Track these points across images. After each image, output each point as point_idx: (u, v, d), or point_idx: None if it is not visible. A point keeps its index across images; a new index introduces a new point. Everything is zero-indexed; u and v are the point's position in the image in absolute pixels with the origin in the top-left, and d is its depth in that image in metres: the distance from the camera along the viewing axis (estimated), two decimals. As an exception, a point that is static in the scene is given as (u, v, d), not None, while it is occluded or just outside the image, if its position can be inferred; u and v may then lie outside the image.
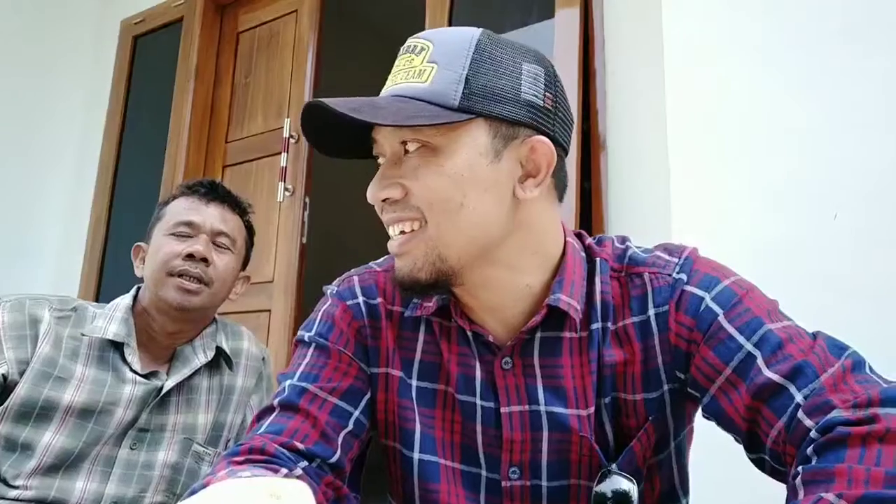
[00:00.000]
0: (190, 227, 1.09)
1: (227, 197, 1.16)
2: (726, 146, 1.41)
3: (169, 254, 1.06)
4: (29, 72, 2.86)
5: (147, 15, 2.87)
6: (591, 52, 1.73)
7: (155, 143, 2.66)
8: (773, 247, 1.29)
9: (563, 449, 0.69)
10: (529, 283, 0.68)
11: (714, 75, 1.45)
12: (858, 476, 0.48)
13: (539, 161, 0.65)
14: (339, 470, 0.68)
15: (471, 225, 0.63)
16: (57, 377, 0.99)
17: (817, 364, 0.57)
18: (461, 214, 0.63)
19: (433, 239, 0.64)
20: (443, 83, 0.62)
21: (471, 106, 0.62)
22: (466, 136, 0.63)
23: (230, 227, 1.13)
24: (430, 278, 0.64)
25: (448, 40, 0.64)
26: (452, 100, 0.61)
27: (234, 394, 1.14)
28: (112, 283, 2.59)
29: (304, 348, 0.74)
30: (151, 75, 2.82)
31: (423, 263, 0.64)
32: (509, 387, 0.69)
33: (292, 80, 2.45)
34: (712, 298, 0.65)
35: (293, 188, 2.33)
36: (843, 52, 1.32)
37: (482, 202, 0.63)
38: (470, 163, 0.62)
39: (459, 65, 0.62)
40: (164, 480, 1.03)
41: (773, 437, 0.58)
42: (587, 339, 0.69)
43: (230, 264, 1.12)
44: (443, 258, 0.64)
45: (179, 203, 1.12)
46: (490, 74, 0.63)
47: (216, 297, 1.11)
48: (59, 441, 0.97)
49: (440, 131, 0.62)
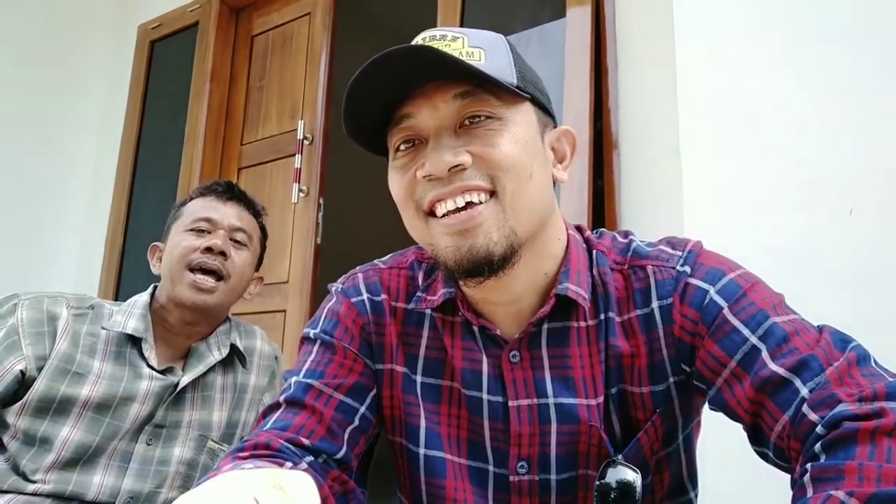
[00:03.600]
0: (209, 223, 1.12)
1: (243, 197, 1.19)
2: (738, 144, 1.40)
3: (188, 248, 1.08)
4: (50, 76, 2.91)
5: (163, 20, 2.91)
6: (603, 51, 1.72)
7: (172, 145, 2.69)
8: (786, 245, 1.28)
9: (571, 441, 0.68)
10: (546, 271, 0.69)
11: (726, 73, 1.44)
12: (870, 473, 0.47)
13: (564, 148, 0.71)
14: (346, 465, 0.68)
15: (537, 196, 0.64)
16: (75, 373, 1.01)
17: (822, 357, 0.57)
18: (531, 184, 0.63)
19: (507, 209, 0.62)
20: (499, 64, 0.64)
21: (524, 87, 0.65)
22: (524, 112, 0.65)
23: (247, 224, 1.16)
24: (504, 252, 0.62)
25: (479, 35, 0.66)
26: (511, 77, 0.64)
27: (248, 392, 1.15)
28: (131, 283, 2.63)
29: (309, 345, 0.74)
30: (168, 79, 2.85)
31: (498, 237, 0.62)
32: (517, 380, 0.69)
33: (306, 82, 2.47)
34: (717, 291, 0.64)
35: (307, 189, 2.34)
36: (855, 48, 1.30)
37: (543, 175, 0.66)
38: (533, 136, 0.65)
39: (504, 53, 0.66)
40: (179, 476, 1.04)
41: (778, 432, 0.57)
42: (595, 328, 0.69)
43: (247, 260, 1.14)
44: (514, 230, 0.62)
45: (197, 202, 1.16)
46: (525, 66, 0.68)
47: (232, 293, 1.12)
48: (77, 435, 0.98)
49: (505, 103, 0.63)
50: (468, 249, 0.61)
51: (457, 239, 0.62)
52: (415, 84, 0.62)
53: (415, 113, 0.63)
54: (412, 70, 0.60)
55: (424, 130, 0.64)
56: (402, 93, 0.63)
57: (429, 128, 0.63)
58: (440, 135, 0.62)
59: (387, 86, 0.61)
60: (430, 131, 0.63)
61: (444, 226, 0.63)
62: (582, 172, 1.62)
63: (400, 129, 0.65)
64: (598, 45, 1.72)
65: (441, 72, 0.61)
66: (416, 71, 0.61)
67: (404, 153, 0.65)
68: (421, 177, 0.63)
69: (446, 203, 0.62)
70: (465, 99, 0.62)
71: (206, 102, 2.61)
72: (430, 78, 0.62)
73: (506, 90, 0.63)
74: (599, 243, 0.73)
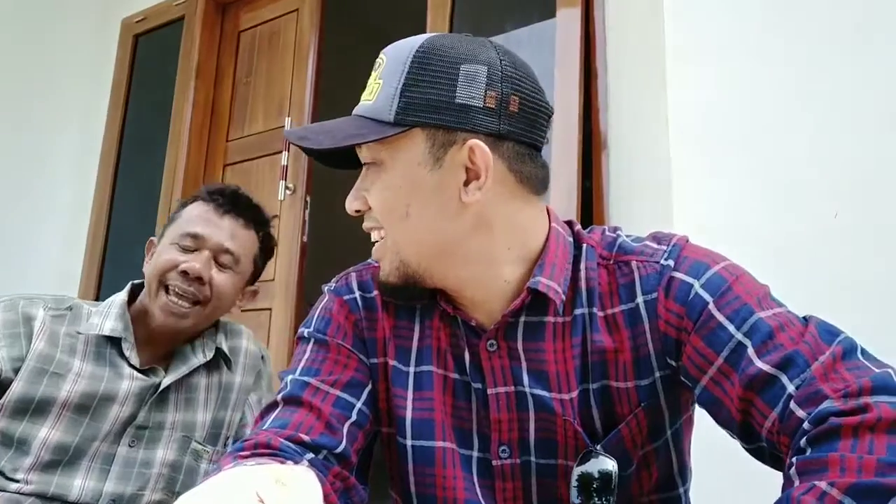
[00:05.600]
0: (195, 240, 1.06)
1: (247, 210, 1.12)
2: (728, 145, 1.41)
3: (167, 263, 1.04)
4: (30, 70, 2.87)
5: (148, 13, 2.88)
6: (593, 51, 1.73)
7: (156, 141, 2.66)
8: (775, 245, 1.29)
9: (548, 429, 0.69)
10: (507, 279, 0.70)
11: (716, 74, 1.45)
12: (851, 465, 0.49)
13: (478, 163, 0.65)
14: (346, 460, 0.68)
15: (419, 231, 0.68)
16: (53, 373, 0.99)
17: (808, 353, 0.57)
18: (408, 223, 0.67)
19: (393, 246, 0.69)
20: (382, 99, 0.66)
21: (404, 119, 0.64)
22: (405, 148, 0.66)
23: (237, 246, 1.09)
24: (398, 282, 0.70)
25: (393, 55, 0.67)
26: (388, 115, 0.65)
27: (233, 392, 1.13)
28: (112, 281, 2.59)
29: (304, 344, 0.76)
30: (152, 74, 2.82)
31: (390, 269, 0.70)
32: (495, 368, 0.70)
33: (293, 79, 2.46)
34: (702, 286, 0.65)
35: (294, 187, 2.33)
36: (845, 50, 1.32)
37: (426, 209, 0.67)
38: (409, 173, 0.66)
39: (396, 79, 0.65)
40: (162, 478, 1.03)
41: (768, 428, 0.58)
42: (570, 323, 0.69)
43: (229, 282, 1.09)
44: (405, 263, 0.69)
45: (195, 208, 1.10)
46: (424, 84, 0.65)
47: (211, 315, 1.09)
48: (55, 436, 0.97)
49: (383, 146, 0.66)
50: (379, 278, 0.72)
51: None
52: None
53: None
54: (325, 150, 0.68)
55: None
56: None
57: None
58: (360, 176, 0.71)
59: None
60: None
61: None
62: (571, 173, 1.62)
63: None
64: (587, 45, 1.73)
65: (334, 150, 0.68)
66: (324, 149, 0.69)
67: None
68: None
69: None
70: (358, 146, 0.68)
71: (191, 98, 2.59)
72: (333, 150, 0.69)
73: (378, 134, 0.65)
74: (589, 237, 0.73)
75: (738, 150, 1.39)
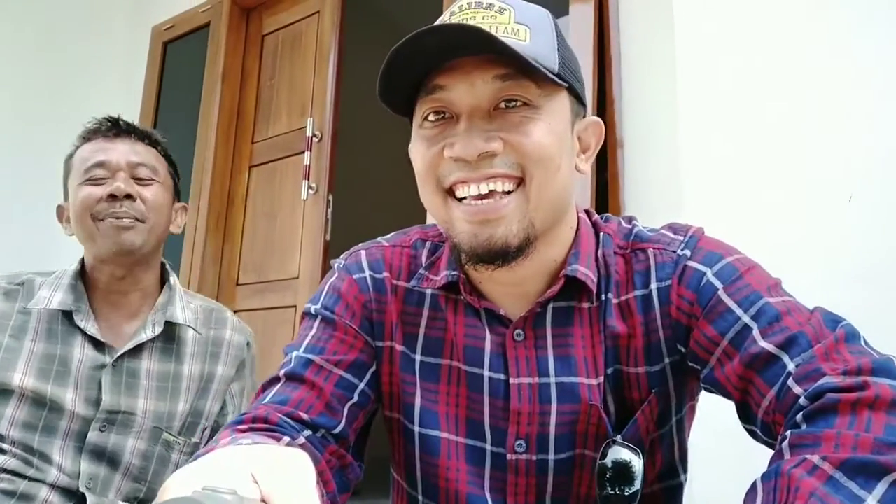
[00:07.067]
0: (103, 168, 1.02)
1: (134, 130, 1.08)
2: (739, 137, 1.41)
3: (88, 198, 1.00)
4: (64, 78, 2.96)
5: (176, 21, 2.95)
6: (607, 46, 1.73)
7: (184, 144, 2.73)
8: (787, 239, 1.29)
9: (571, 420, 0.68)
10: (556, 258, 0.69)
11: (727, 67, 1.45)
12: (846, 441, 0.47)
13: (589, 139, 0.70)
14: (344, 440, 0.68)
15: (561, 188, 0.64)
16: (3, 358, 0.96)
17: (811, 334, 0.57)
18: (558, 176, 0.63)
19: (531, 201, 0.62)
20: (543, 47, 0.62)
21: (564, 75, 0.63)
22: (560, 101, 0.64)
23: (146, 157, 1.05)
24: (521, 244, 0.62)
25: (527, 9, 0.64)
26: (553, 64, 0.62)
27: (214, 382, 1.11)
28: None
29: (310, 321, 0.74)
30: (181, 79, 2.89)
31: (517, 229, 0.62)
32: (520, 358, 0.69)
33: (315, 80, 2.50)
34: (714, 273, 0.65)
35: (317, 186, 2.37)
36: (855, 36, 1.31)
37: (568, 167, 0.65)
38: (563, 128, 0.64)
39: (550, 34, 0.64)
40: (134, 467, 1.01)
41: (765, 407, 0.57)
42: (598, 309, 0.69)
43: (158, 194, 1.05)
44: (533, 223, 0.63)
45: (85, 148, 1.05)
46: (567, 51, 0.65)
47: (154, 231, 1.05)
48: (22, 415, 0.96)
49: (544, 91, 0.62)
50: (486, 238, 0.62)
51: (476, 227, 0.62)
52: (454, 56, 0.61)
53: (450, 86, 0.62)
54: (457, 43, 0.59)
55: (457, 106, 0.62)
56: (441, 64, 0.62)
57: (463, 105, 0.62)
58: (474, 115, 0.61)
59: (430, 54, 0.60)
60: (464, 109, 0.62)
61: (464, 211, 0.63)
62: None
63: (432, 98, 0.63)
64: (601, 40, 1.74)
65: (485, 49, 0.59)
66: (461, 44, 0.59)
67: (433, 125, 0.64)
68: (449, 156, 0.62)
69: (469, 187, 0.62)
70: (504, 81, 0.60)
71: (217, 102, 2.65)
72: (472, 53, 0.60)
73: (546, 78, 0.61)
74: (606, 226, 0.73)
75: (750, 142, 1.39)
